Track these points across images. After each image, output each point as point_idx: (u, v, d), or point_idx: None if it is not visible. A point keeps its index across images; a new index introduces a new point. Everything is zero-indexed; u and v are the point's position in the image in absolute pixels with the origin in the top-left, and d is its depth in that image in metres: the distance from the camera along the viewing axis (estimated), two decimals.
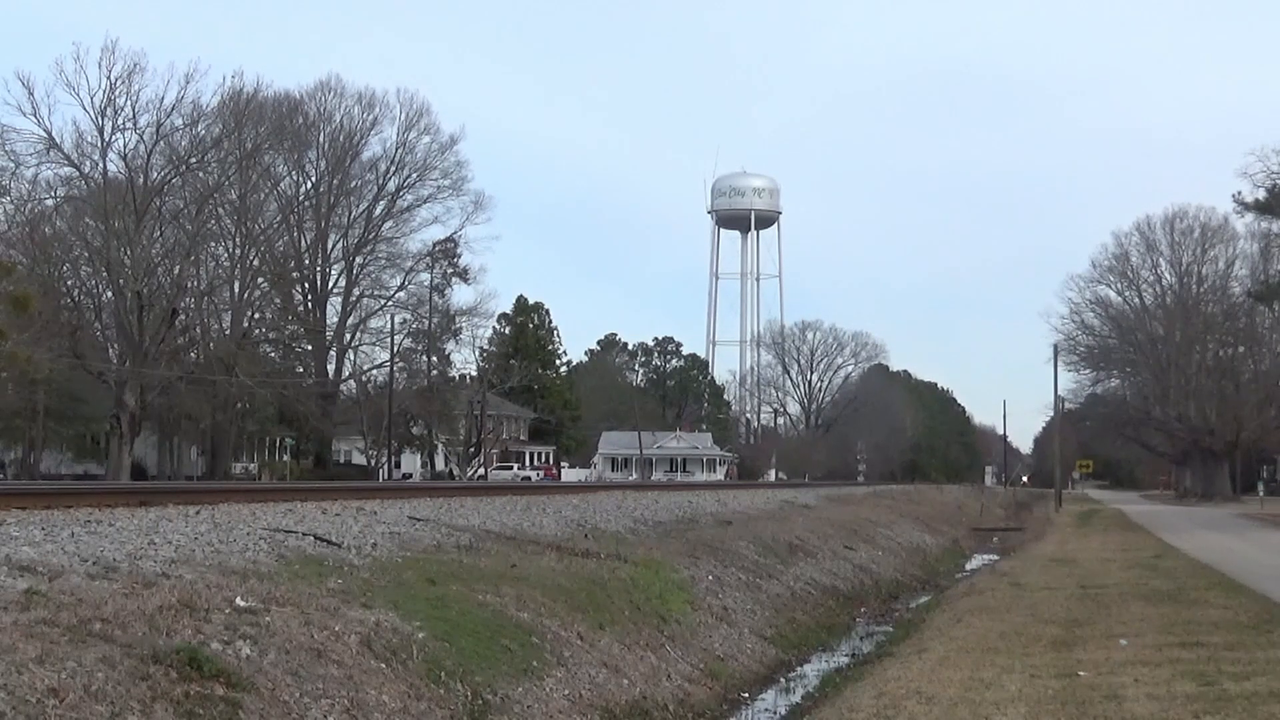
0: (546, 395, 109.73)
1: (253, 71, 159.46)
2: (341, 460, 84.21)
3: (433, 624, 12.03)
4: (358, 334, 78.33)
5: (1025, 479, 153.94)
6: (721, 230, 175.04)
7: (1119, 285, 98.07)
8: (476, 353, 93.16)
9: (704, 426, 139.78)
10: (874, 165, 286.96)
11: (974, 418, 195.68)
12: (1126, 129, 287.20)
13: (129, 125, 58.38)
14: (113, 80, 57.18)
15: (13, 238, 55.70)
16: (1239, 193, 59.42)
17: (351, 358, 79.81)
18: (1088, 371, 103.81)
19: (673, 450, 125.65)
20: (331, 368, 78.21)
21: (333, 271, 77.33)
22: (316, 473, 70.52)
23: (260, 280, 69.26)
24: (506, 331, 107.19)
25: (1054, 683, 12.22)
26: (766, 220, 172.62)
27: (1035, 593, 21.59)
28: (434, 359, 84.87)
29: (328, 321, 77.32)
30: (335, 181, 76.21)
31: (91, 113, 57.49)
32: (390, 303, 78.00)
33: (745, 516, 33.15)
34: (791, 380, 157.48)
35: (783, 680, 17.59)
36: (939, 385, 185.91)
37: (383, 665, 10.64)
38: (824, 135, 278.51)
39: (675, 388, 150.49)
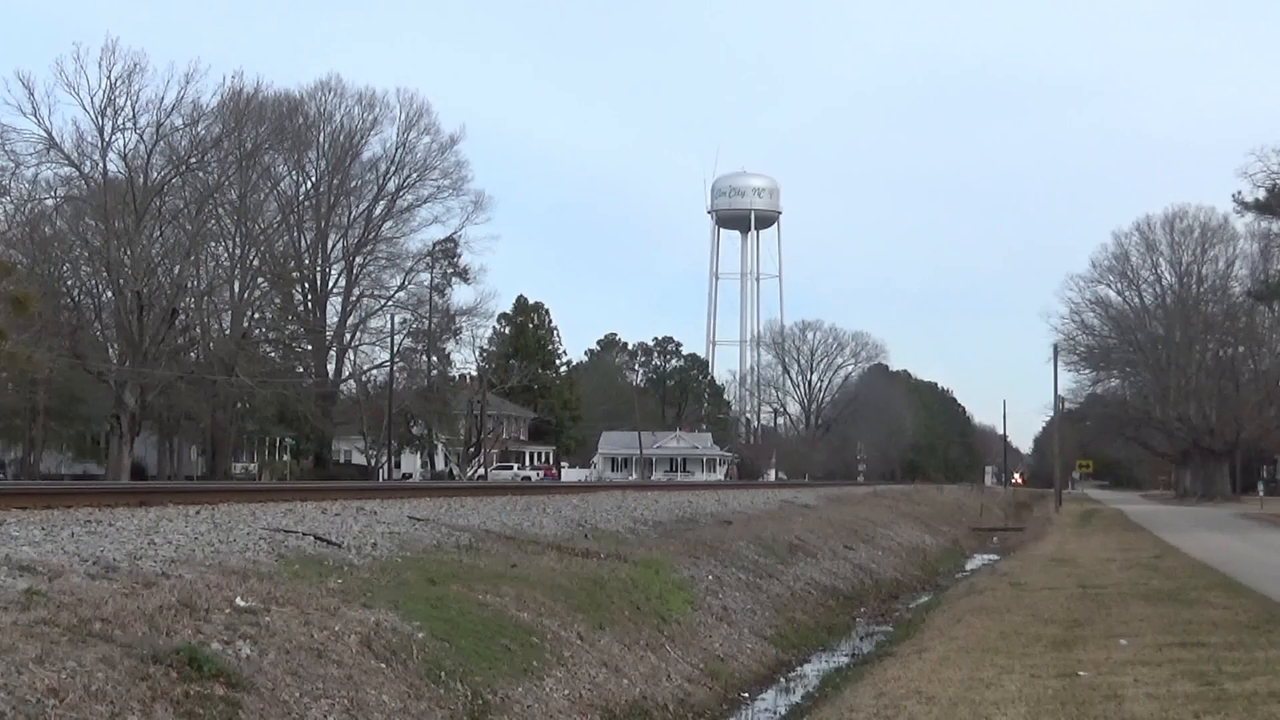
0: (546, 395, 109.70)
1: (253, 71, 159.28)
2: (341, 460, 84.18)
3: (433, 624, 12.03)
4: (358, 334, 78.37)
5: (1018, 478, 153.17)
6: (721, 230, 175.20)
7: (1119, 285, 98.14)
8: (476, 353, 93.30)
9: (704, 426, 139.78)
10: (874, 165, 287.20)
11: (974, 418, 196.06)
12: (1127, 129, 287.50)
13: (129, 125, 58.56)
14: (113, 80, 57.36)
15: (13, 238, 55.72)
16: (1239, 193, 59.45)
17: (351, 358, 79.91)
18: (1088, 371, 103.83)
19: (673, 450, 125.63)
20: (331, 368, 78.19)
21: (333, 271, 77.41)
22: (316, 473, 70.47)
23: (260, 280, 69.25)
24: (506, 331, 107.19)
25: (1054, 683, 12.22)
26: (766, 220, 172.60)
27: (1035, 593, 21.57)
28: (434, 359, 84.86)
29: (328, 321, 77.34)
30: (335, 181, 76.17)
31: (91, 113, 57.65)
32: (390, 303, 78.03)
33: (745, 516, 33.16)
34: (791, 380, 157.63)
35: (783, 680, 17.58)
36: (939, 385, 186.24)
37: (383, 665, 10.64)
38: (824, 135, 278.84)
39: (675, 388, 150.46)
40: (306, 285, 77.03)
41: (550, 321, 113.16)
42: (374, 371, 79.56)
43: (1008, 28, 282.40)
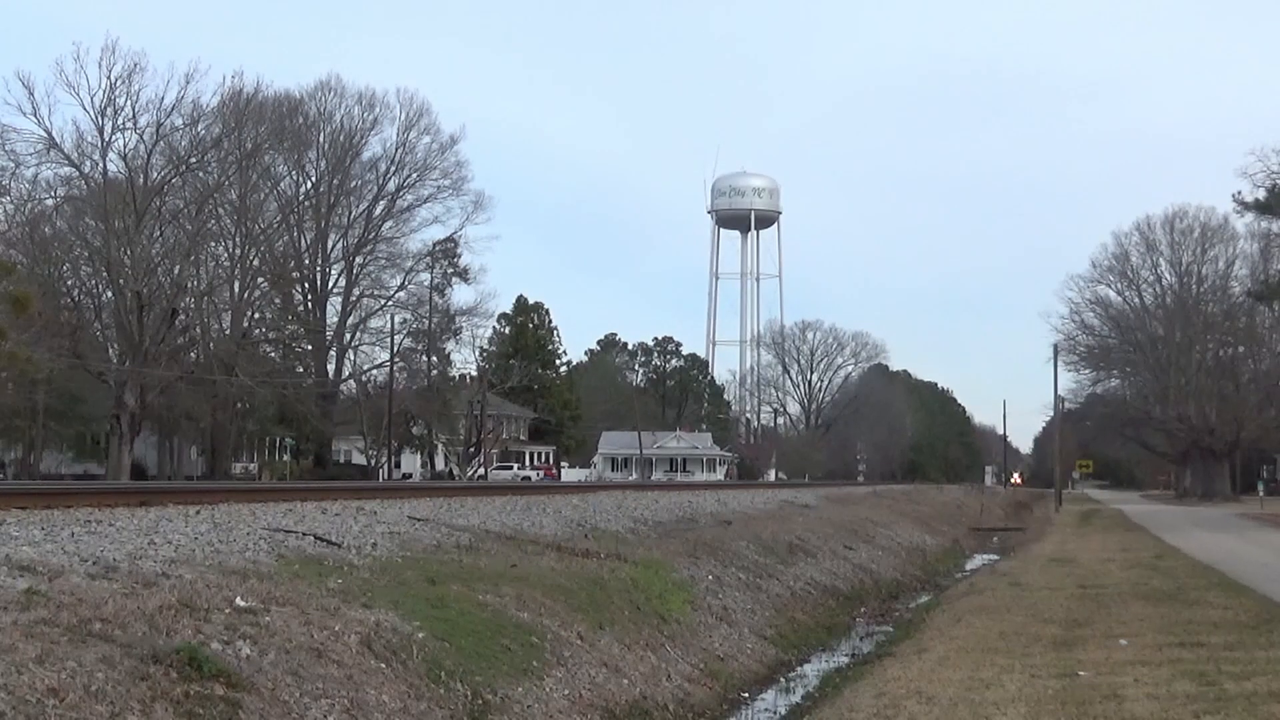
0: (546, 395, 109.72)
1: (253, 71, 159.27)
2: (341, 460, 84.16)
3: (433, 624, 12.02)
4: (358, 334, 78.36)
5: (1018, 478, 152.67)
6: (721, 230, 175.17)
7: (1119, 285, 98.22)
8: (476, 353, 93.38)
9: (704, 426, 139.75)
10: (874, 165, 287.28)
11: (974, 418, 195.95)
12: (1127, 129, 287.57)
13: (129, 125, 58.52)
14: (113, 80, 57.32)
15: (13, 238, 55.73)
16: (1239, 193, 59.46)
17: (351, 358, 79.91)
18: (1088, 371, 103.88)
19: (673, 450, 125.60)
20: (331, 368, 78.18)
21: (333, 271, 77.39)
22: (316, 473, 70.47)
23: (260, 280, 69.24)
24: (506, 331, 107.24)
25: (1054, 683, 12.22)
26: (766, 220, 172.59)
27: (1035, 593, 21.58)
28: (434, 359, 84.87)
29: (328, 321, 77.32)
30: (335, 181, 76.17)
31: (91, 113, 57.60)
32: (390, 303, 78.02)
33: (745, 516, 33.14)
34: (791, 380, 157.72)
35: (783, 680, 17.58)
36: (939, 385, 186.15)
37: (383, 665, 10.63)
38: (824, 135, 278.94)
39: (675, 388, 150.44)
40: (306, 285, 77.03)
41: (550, 321, 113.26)
42: (374, 371, 79.62)
43: (1007, 28, 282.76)
